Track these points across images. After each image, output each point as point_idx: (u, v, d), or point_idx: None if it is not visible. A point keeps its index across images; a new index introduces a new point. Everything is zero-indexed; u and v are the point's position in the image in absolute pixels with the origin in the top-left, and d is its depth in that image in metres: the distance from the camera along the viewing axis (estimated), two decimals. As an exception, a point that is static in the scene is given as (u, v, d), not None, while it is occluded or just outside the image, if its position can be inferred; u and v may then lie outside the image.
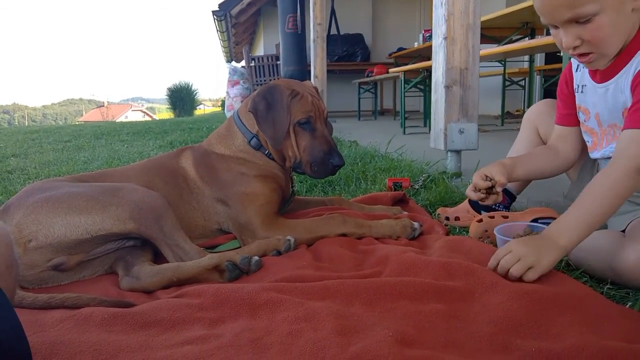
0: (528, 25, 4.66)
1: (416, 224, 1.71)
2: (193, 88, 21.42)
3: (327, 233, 1.68)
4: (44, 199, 1.47)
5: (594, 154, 1.51)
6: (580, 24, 1.21)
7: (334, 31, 9.83)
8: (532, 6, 1.33)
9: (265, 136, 1.75)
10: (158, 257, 1.56)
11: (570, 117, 1.56)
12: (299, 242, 1.65)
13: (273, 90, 1.75)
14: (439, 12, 2.58)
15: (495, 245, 1.50)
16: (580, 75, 1.50)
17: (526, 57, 5.71)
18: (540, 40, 2.95)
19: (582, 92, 1.50)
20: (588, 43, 1.24)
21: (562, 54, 2.62)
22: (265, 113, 1.72)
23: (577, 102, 1.53)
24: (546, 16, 1.27)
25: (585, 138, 1.53)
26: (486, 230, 1.63)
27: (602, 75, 1.37)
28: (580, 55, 1.28)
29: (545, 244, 1.20)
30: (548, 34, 4.04)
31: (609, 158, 1.31)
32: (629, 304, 1.12)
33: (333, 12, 9.70)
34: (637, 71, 1.25)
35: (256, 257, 1.46)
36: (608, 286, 1.22)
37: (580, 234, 1.18)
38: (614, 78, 1.32)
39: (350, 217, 1.74)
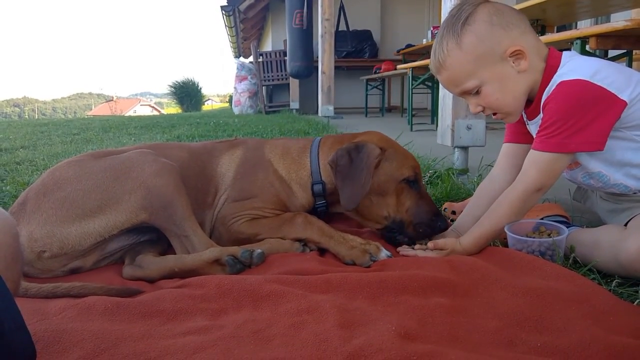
0: (538, 22, 4.60)
1: (383, 254, 1.46)
2: (197, 83, 21.40)
3: (283, 235, 1.55)
4: (59, 202, 1.42)
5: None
6: (474, 94, 1.39)
7: (342, 27, 9.81)
8: (542, 3, 1.35)
9: (341, 194, 1.53)
10: (171, 251, 1.53)
11: (520, 135, 1.58)
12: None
13: (361, 147, 1.55)
14: (447, 6, 2.55)
15: (504, 245, 1.48)
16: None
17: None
18: (549, 37, 2.90)
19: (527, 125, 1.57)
20: (488, 107, 1.41)
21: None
22: (347, 169, 1.52)
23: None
24: (449, 91, 1.48)
25: None
26: None
27: (528, 114, 1.49)
28: (490, 114, 1.45)
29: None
30: (558, 30, 4.00)
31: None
32: (637, 301, 1.11)
33: (342, 8, 9.67)
34: (543, 102, 1.36)
35: (258, 250, 1.45)
36: (617, 281, 1.22)
37: (485, 244, 1.45)
38: (538, 117, 1.42)
39: (316, 221, 1.56)
